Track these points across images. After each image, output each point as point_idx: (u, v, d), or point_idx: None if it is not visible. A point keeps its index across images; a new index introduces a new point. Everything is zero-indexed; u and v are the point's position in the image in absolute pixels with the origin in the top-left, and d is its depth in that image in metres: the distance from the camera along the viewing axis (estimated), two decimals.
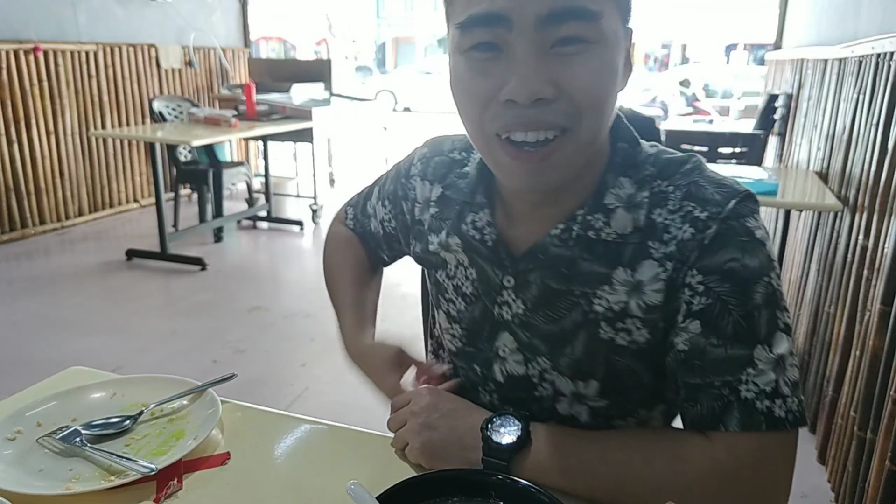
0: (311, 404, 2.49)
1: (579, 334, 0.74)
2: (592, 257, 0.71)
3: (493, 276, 0.79)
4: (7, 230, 4.40)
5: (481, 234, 0.79)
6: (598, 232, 0.71)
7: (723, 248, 0.66)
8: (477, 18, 0.63)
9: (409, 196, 0.91)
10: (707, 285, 0.66)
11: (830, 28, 3.08)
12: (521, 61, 0.62)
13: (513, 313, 0.78)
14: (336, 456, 0.80)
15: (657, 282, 0.69)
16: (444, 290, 0.85)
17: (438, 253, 0.84)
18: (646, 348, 0.72)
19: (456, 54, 0.68)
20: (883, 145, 1.81)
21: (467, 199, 0.81)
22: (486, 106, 0.65)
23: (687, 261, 0.67)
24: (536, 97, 0.61)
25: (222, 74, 6.22)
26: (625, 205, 0.70)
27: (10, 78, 4.30)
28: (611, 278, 0.71)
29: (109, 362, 2.75)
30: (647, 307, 0.70)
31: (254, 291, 3.72)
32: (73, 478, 0.72)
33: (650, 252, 0.69)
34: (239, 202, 5.52)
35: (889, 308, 1.62)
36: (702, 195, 0.69)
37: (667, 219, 0.69)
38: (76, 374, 0.96)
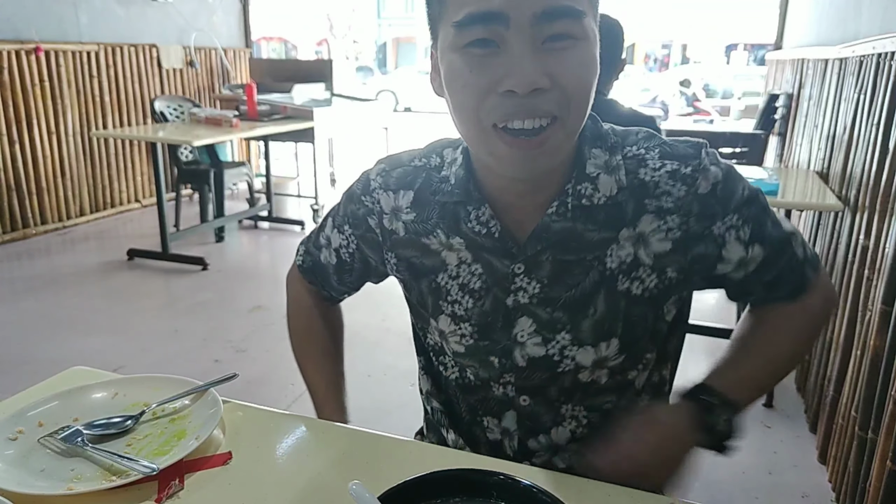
0: (312, 404, 2.48)
1: (600, 292, 0.79)
2: (595, 226, 0.78)
3: (501, 266, 0.81)
4: (9, 230, 4.41)
5: (486, 227, 0.81)
6: (590, 199, 0.78)
7: (728, 188, 0.79)
8: (476, 16, 0.66)
9: (374, 210, 0.90)
10: (743, 217, 0.79)
11: (831, 28, 3.08)
12: (518, 55, 0.66)
13: (530, 295, 0.80)
14: (337, 456, 0.80)
15: (660, 232, 0.78)
16: (447, 293, 0.85)
17: (439, 253, 0.84)
18: (655, 294, 0.81)
19: (450, 52, 0.70)
20: (884, 145, 1.81)
21: (461, 198, 0.82)
22: (484, 98, 0.69)
23: (704, 212, 0.78)
24: (534, 87, 0.66)
25: (223, 74, 6.22)
26: (604, 170, 0.78)
27: (12, 78, 4.31)
28: (617, 238, 0.79)
29: (111, 362, 2.75)
30: (655, 255, 0.79)
31: (255, 291, 3.72)
32: (74, 478, 0.72)
33: (646, 207, 0.78)
34: (240, 202, 5.52)
35: (890, 308, 1.62)
36: (677, 152, 0.79)
37: (653, 176, 0.78)
38: (77, 374, 0.96)
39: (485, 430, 0.90)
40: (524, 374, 0.84)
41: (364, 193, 0.91)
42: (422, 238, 0.86)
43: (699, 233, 0.78)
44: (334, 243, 0.96)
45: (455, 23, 0.68)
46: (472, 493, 0.67)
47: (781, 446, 2.23)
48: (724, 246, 0.80)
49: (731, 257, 0.81)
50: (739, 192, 0.80)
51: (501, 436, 0.89)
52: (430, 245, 0.85)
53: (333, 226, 0.96)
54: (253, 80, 5.48)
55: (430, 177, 0.86)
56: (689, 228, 0.78)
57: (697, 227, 0.78)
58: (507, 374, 0.85)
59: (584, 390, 0.85)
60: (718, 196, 0.78)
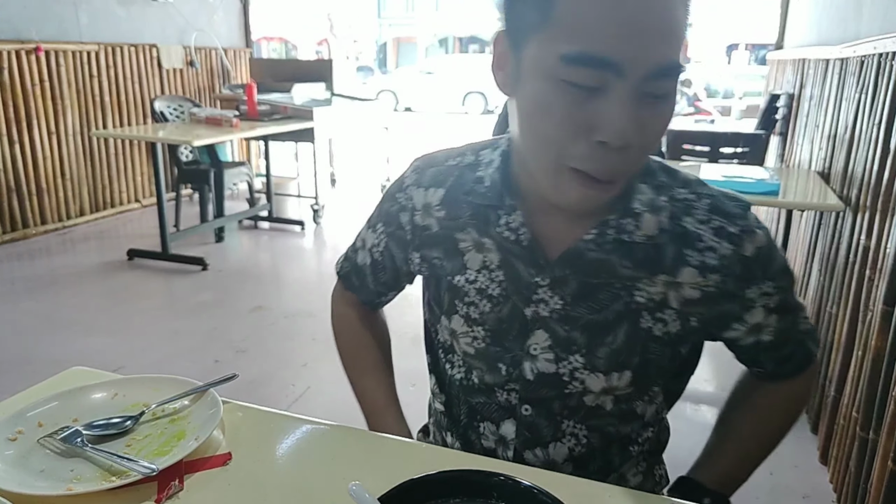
0: (312, 404, 2.49)
1: (622, 324, 0.78)
2: (631, 263, 0.77)
3: (527, 275, 0.80)
4: (8, 230, 4.40)
5: (516, 234, 0.80)
6: (630, 235, 0.76)
7: (768, 255, 0.79)
8: (591, 59, 0.63)
9: (406, 207, 0.90)
10: (777, 287, 0.80)
11: (832, 28, 3.07)
12: (621, 108, 0.64)
13: (550, 309, 0.79)
14: (338, 456, 0.80)
15: (696, 284, 0.77)
16: (464, 294, 0.84)
17: (465, 253, 0.84)
18: (675, 338, 0.80)
19: (543, 77, 0.66)
20: (885, 145, 1.81)
21: (493, 202, 0.81)
22: (573, 140, 0.66)
23: (744, 275, 0.77)
24: (628, 144, 0.65)
25: (224, 74, 6.22)
26: (649, 209, 0.77)
27: (12, 78, 4.31)
28: (651, 278, 0.78)
29: (111, 362, 2.75)
30: (684, 301, 0.78)
31: (255, 291, 3.72)
32: (74, 478, 0.72)
33: (687, 260, 0.77)
34: (240, 202, 5.52)
35: (891, 308, 1.62)
36: (725, 209, 0.78)
37: (698, 228, 0.77)
38: (77, 375, 0.96)
39: (480, 437, 0.90)
40: (530, 386, 0.83)
41: (398, 191, 0.91)
42: (455, 233, 0.85)
43: (732, 293, 0.78)
44: (368, 243, 0.97)
45: (566, 56, 0.63)
46: (473, 493, 0.66)
47: (782, 447, 2.20)
48: (749, 310, 0.80)
49: (750, 321, 0.81)
50: (779, 260, 0.80)
51: (496, 444, 0.88)
52: (460, 242, 0.84)
53: (368, 226, 0.97)
54: (253, 80, 5.48)
55: (462, 175, 0.86)
56: (725, 287, 0.78)
57: (733, 288, 0.78)
58: (512, 383, 0.84)
59: (587, 411, 0.84)
60: (760, 261, 0.78)
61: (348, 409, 1.00)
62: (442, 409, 0.97)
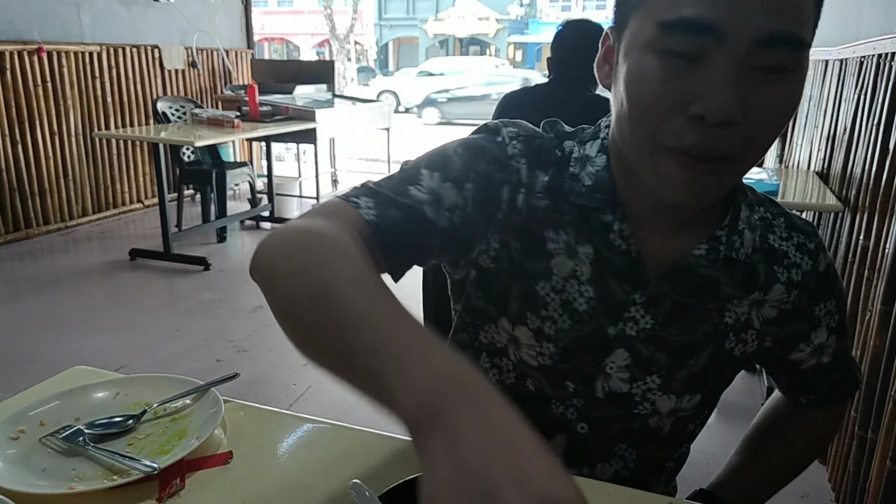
0: (313, 403, 2.49)
1: (709, 346, 0.77)
2: (733, 281, 0.75)
3: (620, 291, 0.73)
4: (11, 230, 4.42)
5: (627, 244, 0.72)
6: (737, 252, 0.74)
7: (834, 273, 0.81)
8: (690, 23, 0.57)
9: (511, 180, 0.73)
10: (839, 306, 0.81)
11: (831, 29, 3.07)
12: (723, 80, 0.57)
13: (639, 328, 0.75)
14: (338, 455, 0.80)
15: (776, 304, 0.77)
16: (543, 305, 0.75)
17: (551, 258, 0.74)
18: (746, 359, 0.81)
19: (643, 50, 0.61)
20: (884, 146, 1.81)
21: (600, 205, 0.72)
22: (669, 116, 0.60)
23: (817, 291, 0.79)
24: (726, 119, 0.58)
25: (225, 75, 6.23)
26: (747, 226, 0.75)
27: (15, 78, 4.32)
28: (745, 298, 0.76)
29: (113, 361, 2.76)
30: (763, 320, 0.78)
31: (257, 291, 3.65)
32: (75, 477, 0.72)
33: (777, 276, 0.77)
34: (242, 202, 5.53)
35: (890, 308, 1.63)
36: (800, 226, 0.79)
37: (782, 245, 0.77)
38: (79, 374, 0.96)
39: None
40: (596, 404, 0.78)
41: (502, 154, 0.73)
42: (546, 230, 0.74)
43: (804, 310, 0.79)
44: (447, 201, 0.68)
45: (662, 22, 0.58)
46: None
47: None
48: (816, 329, 0.81)
49: (815, 341, 0.81)
50: (839, 280, 0.82)
51: None
52: (548, 242, 0.74)
53: (446, 179, 0.69)
54: (255, 81, 5.49)
55: (561, 167, 0.75)
56: (800, 304, 0.78)
57: (806, 305, 0.79)
58: (577, 399, 0.79)
59: (645, 434, 0.81)
60: (829, 278, 0.79)
61: (349, 408, 0.99)
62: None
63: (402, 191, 0.67)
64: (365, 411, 0.88)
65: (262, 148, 5.57)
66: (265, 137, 4.87)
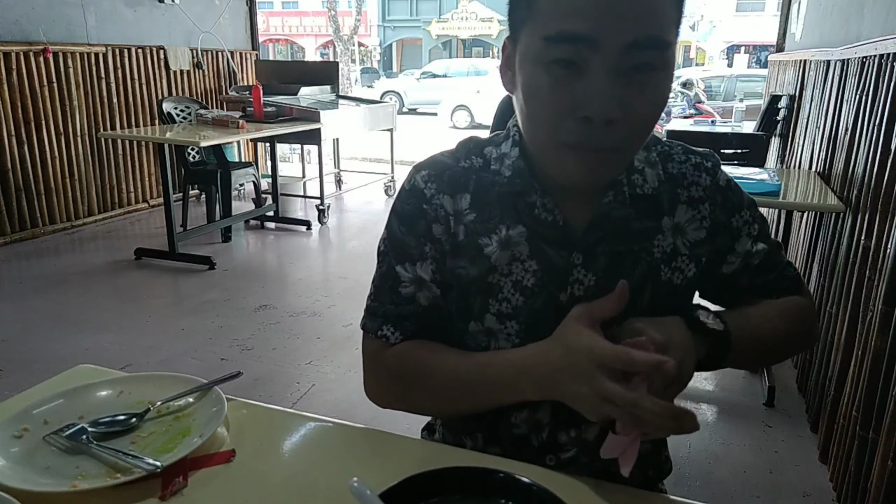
0: (317, 401, 2.51)
1: (648, 283, 0.82)
2: (640, 215, 0.82)
3: (560, 258, 0.81)
4: (18, 229, 4.44)
5: (553, 214, 0.82)
6: (641, 188, 0.82)
7: (737, 187, 0.89)
8: (567, 35, 0.67)
9: (438, 216, 0.84)
10: (752, 216, 0.89)
11: (833, 29, 3.07)
12: (601, 83, 0.67)
13: (585, 287, 0.81)
14: (341, 453, 0.80)
15: (695, 221, 0.84)
16: (497, 290, 0.82)
17: (490, 257, 0.82)
18: (692, 282, 0.86)
19: (532, 63, 0.71)
20: (885, 146, 1.81)
21: (521, 188, 0.82)
22: (562, 118, 0.70)
23: (725, 204, 0.86)
24: (610, 118, 0.68)
25: (230, 76, 6.25)
26: (646, 164, 0.84)
27: (21, 79, 4.35)
28: (661, 228, 0.83)
29: (118, 360, 2.78)
30: (691, 244, 0.84)
31: (261, 290, 3.74)
32: (79, 475, 0.72)
33: (679, 197, 0.84)
34: (247, 202, 5.55)
35: (891, 309, 1.63)
36: (695, 150, 0.88)
37: (680, 169, 0.86)
38: (83, 372, 0.97)
39: (511, 426, 0.87)
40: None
41: (423, 203, 0.85)
42: (479, 239, 0.83)
43: (723, 223, 0.86)
44: (427, 276, 0.85)
45: (544, 37, 0.68)
46: (472, 490, 0.67)
47: (783, 446, 2.24)
48: (737, 239, 0.87)
49: (740, 250, 0.87)
50: (745, 193, 0.90)
51: (529, 430, 0.86)
52: (484, 248, 0.82)
53: (412, 262, 0.84)
54: (259, 82, 5.51)
55: (481, 176, 0.85)
56: (716, 217, 0.85)
57: (722, 217, 0.86)
58: None
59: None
60: (733, 191, 0.88)
61: (353, 407, 0.99)
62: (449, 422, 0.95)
63: (397, 299, 0.86)
64: (368, 409, 0.88)
65: (267, 148, 5.59)
66: (269, 138, 4.89)
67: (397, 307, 0.86)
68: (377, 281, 0.88)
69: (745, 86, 12.15)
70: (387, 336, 0.86)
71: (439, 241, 0.85)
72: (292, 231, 5.05)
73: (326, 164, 5.77)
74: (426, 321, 0.86)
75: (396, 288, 0.85)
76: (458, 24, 28.94)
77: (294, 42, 30.31)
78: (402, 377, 0.86)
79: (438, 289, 0.85)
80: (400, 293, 0.85)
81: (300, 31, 29.89)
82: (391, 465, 0.75)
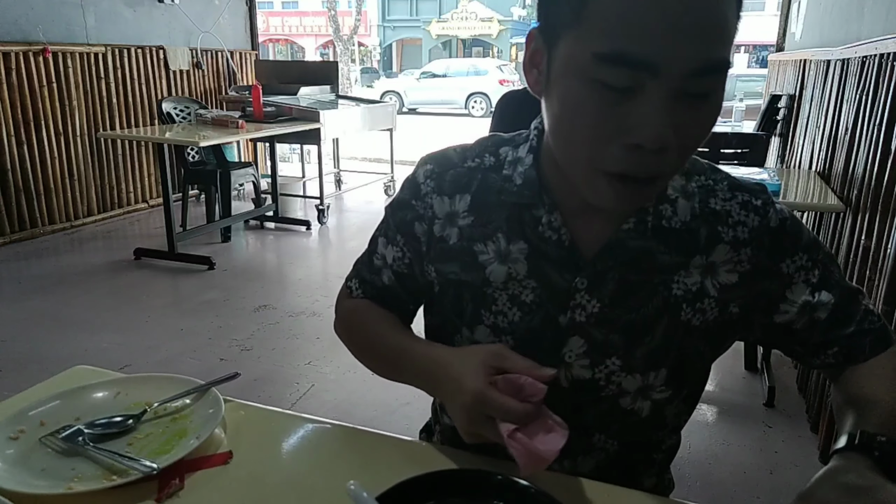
0: (316, 401, 2.50)
1: (661, 320, 0.77)
2: (668, 248, 0.76)
3: (561, 280, 0.77)
4: (17, 229, 4.44)
5: (558, 234, 0.76)
6: (668, 221, 0.76)
7: (795, 227, 0.78)
8: (625, 58, 0.59)
9: (425, 216, 0.84)
10: (812, 259, 0.78)
11: (834, 29, 3.07)
12: (657, 109, 0.60)
13: (588, 314, 0.77)
14: (339, 455, 0.80)
15: (730, 263, 0.76)
16: (492, 301, 0.80)
17: (485, 267, 0.79)
18: (713, 327, 0.78)
19: (576, 76, 0.62)
20: (885, 146, 1.81)
21: (530, 200, 0.77)
22: (606, 143, 0.63)
23: (774, 247, 0.77)
24: (664, 147, 0.61)
25: (230, 76, 6.25)
26: (681, 194, 0.77)
27: (20, 79, 4.34)
28: (688, 265, 0.76)
29: (118, 360, 2.78)
30: (721, 287, 0.77)
31: (260, 290, 3.74)
32: (75, 477, 0.72)
33: (721, 236, 0.76)
34: (246, 203, 5.55)
35: (892, 308, 1.62)
36: (744, 185, 0.79)
37: (724, 206, 0.77)
38: (80, 374, 0.97)
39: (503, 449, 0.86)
40: (564, 394, 0.79)
41: (414, 198, 0.85)
42: (474, 245, 0.80)
43: (768, 268, 0.77)
44: (389, 258, 0.89)
45: (598, 54, 0.59)
46: (470, 493, 0.67)
47: (783, 446, 2.23)
48: (789, 286, 0.77)
49: (796, 299, 0.77)
50: (806, 233, 0.79)
51: None
52: (479, 255, 0.80)
53: (387, 241, 0.89)
54: (259, 82, 5.51)
55: (487, 177, 0.81)
56: (758, 262, 0.77)
57: (767, 262, 0.77)
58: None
59: (621, 422, 0.81)
60: (788, 232, 0.77)
61: (352, 407, 0.98)
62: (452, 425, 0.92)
63: (370, 263, 0.92)
64: (367, 409, 0.89)
65: (267, 148, 5.59)
66: (269, 138, 4.89)
67: (369, 271, 0.92)
68: (370, 241, 0.93)
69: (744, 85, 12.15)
70: (351, 288, 0.95)
71: (417, 240, 0.85)
72: (292, 231, 5.05)
73: (326, 164, 5.76)
74: (385, 294, 0.91)
75: (373, 255, 0.92)
76: (458, 24, 28.93)
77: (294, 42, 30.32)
78: (349, 329, 0.95)
79: (395, 277, 0.89)
80: (373, 262, 0.92)
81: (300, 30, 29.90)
82: (389, 467, 0.75)
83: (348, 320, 0.95)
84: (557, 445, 0.65)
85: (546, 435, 0.66)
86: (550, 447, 0.65)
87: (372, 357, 0.91)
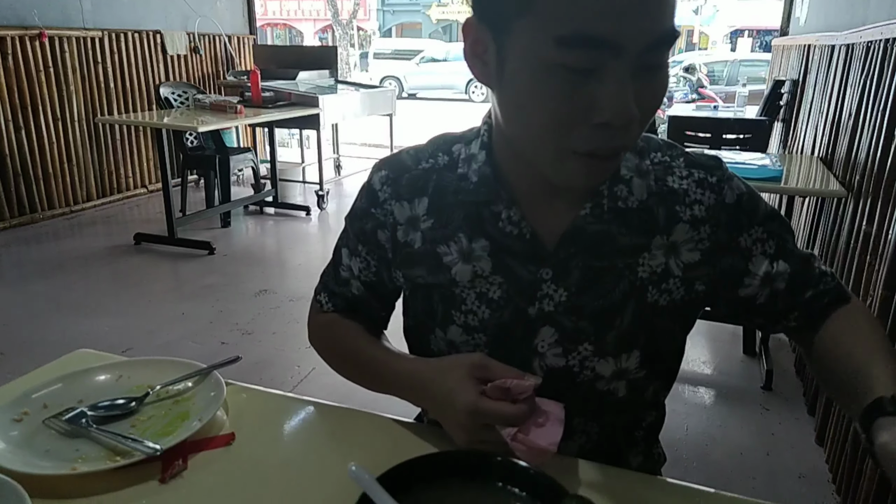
0: (317, 385, 2.51)
1: (629, 304, 0.77)
2: (628, 230, 0.76)
3: (527, 273, 0.77)
4: (17, 214, 4.44)
5: (519, 228, 0.77)
6: (624, 201, 0.76)
7: (751, 201, 0.80)
8: (587, 39, 0.58)
9: (386, 223, 0.84)
10: (767, 231, 0.80)
11: (838, 13, 3.05)
12: (622, 86, 0.60)
13: (556, 303, 0.77)
14: (340, 437, 0.81)
15: (691, 242, 0.78)
16: (462, 301, 0.80)
17: (451, 268, 0.80)
18: (681, 306, 0.79)
19: (538, 64, 0.61)
20: (889, 131, 1.80)
21: (487, 197, 0.77)
22: (574, 126, 0.63)
23: (731, 223, 0.78)
24: (631, 121, 0.62)
25: (228, 61, 6.21)
26: (636, 173, 0.77)
27: (17, 64, 4.32)
28: (650, 246, 0.77)
29: (119, 344, 2.79)
30: (684, 266, 0.78)
31: (260, 275, 3.74)
32: (78, 458, 0.73)
33: (679, 216, 0.77)
34: (245, 188, 5.54)
35: (892, 294, 1.63)
36: (701, 162, 0.80)
37: (682, 184, 0.78)
38: (82, 357, 0.97)
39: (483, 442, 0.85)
40: (541, 384, 0.79)
41: (373, 206, 0.85)
42: (437, 247, 0.80)
43: (726, 244, 0.78)
44: (355, 270, 0.89)
45: (558, 37, 0.58)
46: (471, 473, 0.67)
47: (780, 428, 2.25)
48: (750, 259, 0.79)
49: (757, 272, 0.79)
50: (763, 207, 0.80)
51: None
52: (444, 256, 0.80)
53: (350, 253, 0.90)
54: (257, 67, 5.48)
55: (442, 177, 0.81)
56: (718, 239, 0.78)
57: (725, 238, 0.78)
58: None
59: (599, 403, 0.82)
60: (744, 207, 0.79)
61: (352, 390, 0.98)
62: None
63: (336, 276, 0.93)
64: (367, 392, 0.89)
65: (266, 133, 5.57)
66: (268, 123, 4.86)
67: (336, 284, 0.93)
68: (333, 252, 0.94)
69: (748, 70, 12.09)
70: (321, 302, 0.95)
71: (382, 247, 0.85)
72: (291, 216, 5.04)
73: (325, 150, 5.75)
74: (356, 305, 0.92)
75: (338, 267, 0.92)
76: (458, 9, 28.68)
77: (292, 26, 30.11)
78: (323, 343, 0.95)
79: (364, 287, 0.90)
80: (340, 274, 0.92)
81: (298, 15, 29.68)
82: (390, 449, 0.75)
83: (322, 336, 0.96)
84: (557, 436, 0.67)
85: (544, 427, 0.68)
86: (552, 439, 0.67)
87: (353, 373, 0.91)
